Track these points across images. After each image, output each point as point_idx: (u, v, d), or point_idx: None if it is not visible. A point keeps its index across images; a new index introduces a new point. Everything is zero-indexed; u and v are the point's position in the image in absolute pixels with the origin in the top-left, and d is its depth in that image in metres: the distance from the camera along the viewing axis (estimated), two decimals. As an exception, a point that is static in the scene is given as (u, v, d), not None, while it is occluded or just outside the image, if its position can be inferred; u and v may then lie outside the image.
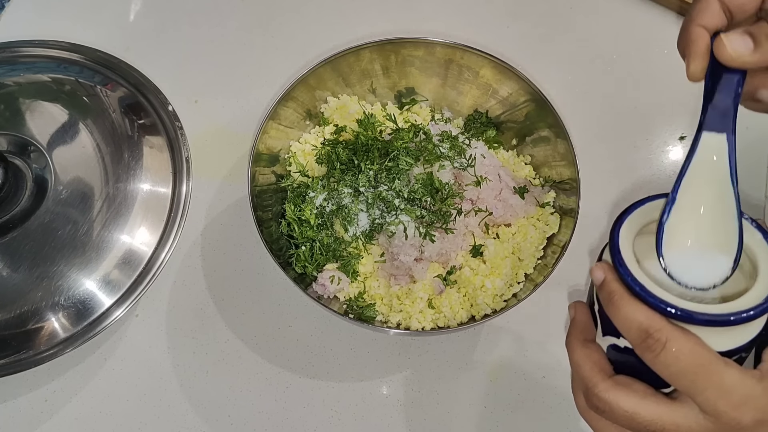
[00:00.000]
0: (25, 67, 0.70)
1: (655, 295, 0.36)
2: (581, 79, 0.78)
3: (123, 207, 0.62)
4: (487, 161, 0.65)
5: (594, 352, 0.40)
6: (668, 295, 0.36)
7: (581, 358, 0.40)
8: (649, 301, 0.36)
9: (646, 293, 0.36)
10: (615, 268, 0.37)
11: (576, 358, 0.40)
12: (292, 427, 0.63)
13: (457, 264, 0.63)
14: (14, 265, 0.60)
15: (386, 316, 0.61)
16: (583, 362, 0.39)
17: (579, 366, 0.40)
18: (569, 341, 0.41)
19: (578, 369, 0.40)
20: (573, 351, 0.40)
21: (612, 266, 0.38)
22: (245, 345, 0.66)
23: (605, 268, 0.38)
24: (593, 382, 0.38)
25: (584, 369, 0.39)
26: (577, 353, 0.40)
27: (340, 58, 0.67)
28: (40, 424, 0.63)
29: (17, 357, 0.58)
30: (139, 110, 0.68)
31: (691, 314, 0.35)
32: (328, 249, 0.62)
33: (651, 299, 0.35)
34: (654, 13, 0.82)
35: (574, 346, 0.41)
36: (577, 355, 0.40)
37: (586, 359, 0.39)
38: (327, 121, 0.70)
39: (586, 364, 0.39)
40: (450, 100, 0.72)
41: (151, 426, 0.63)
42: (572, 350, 0.41)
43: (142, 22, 0.82)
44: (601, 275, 0.38)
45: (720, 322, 0.35)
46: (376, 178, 0.62)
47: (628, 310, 0.36)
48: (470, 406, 0.64)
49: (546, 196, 0.66)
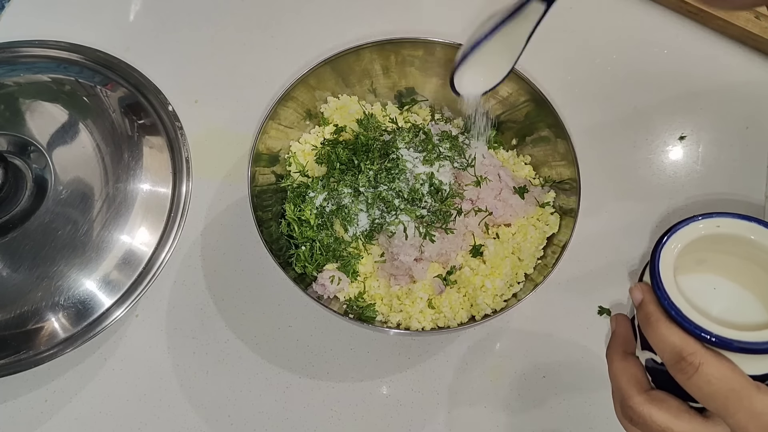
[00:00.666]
0: (25, 67, 0.70)
1: (691, 321, 0.36)
2: (581, 79, 0.78)
3: (123, 207, 0.62)
4: (487, 161, 0.65)
5: (632, 365, 0.41)
6: (704, 321, 0.36)
7: (619, 370, 0.41)
8: (685, 326, 0.36)
9: (682, 318, 0.37)
10: (653, 290, 0.38)
11: (614, 370, 0.42)
12: (292, 427, 0.63)
13: (457, 264, 0.63)
14: (14, 265, 0.60)
15: (386, 316, 0.61)
16: (620, 374, 0.41)
17: (617, 377, 0.41)
18: (609, 353, 0.43)
19: (616, 380, 0.41)
20: (612, 362, 0.42)
21: (650, 288, 0.39)
22: (245, 345, 0.66)
23: (644, 289, 0.39)
24: (629, 394, 0.40)
25: (621, 381, 0.41)
26: (616, 365, 0.42)
27: (340, 58, 0.67)
28: (40, 424, 0.63)
29: (17, 357, 0.58)
30: (139, 110, 0.68)
31: (726, 342, 0.36)
32: (328, 249, 0.62)
33: (687, 324, 0.36)
34: (654, 13, 0.82)
35: (614, 358, 0.42)
36: (615, 367, 0.42)
37: (623, 372, 0.41)
38: (327, 121, 0.70)
39: (624, 377, 0.41)
40: (450, 100, 0.72)
41: (151, 426, 0.63)
42: (611, 361, 0.42)
43: (142, 22, 0.82)
44: (639, 296, 0.39)
45: (755, 350, 0.36)
46: (376, 178, 0.62)
47: (664, 333, 0.37)
48: (470, 406, 0.63)
49: (546, 196, 0.66)
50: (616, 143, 0.75)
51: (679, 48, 0.80)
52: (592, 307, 0.67)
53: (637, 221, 0.71)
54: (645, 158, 0.74)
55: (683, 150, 0.75)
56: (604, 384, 0.64)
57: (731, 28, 0.78)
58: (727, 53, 0.79)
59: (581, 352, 0.65)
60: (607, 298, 0.67)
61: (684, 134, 0.76)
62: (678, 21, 0.81)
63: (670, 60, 0.79)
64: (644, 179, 0.73)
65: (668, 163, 0.74)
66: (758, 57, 0.79)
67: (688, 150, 0.75)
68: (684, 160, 0.74)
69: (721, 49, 0.79)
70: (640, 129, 0.76)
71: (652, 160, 0.74)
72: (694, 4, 0.79)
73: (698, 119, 0.76)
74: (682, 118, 0.76)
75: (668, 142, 0.75)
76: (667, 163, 0.74)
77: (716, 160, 0.74)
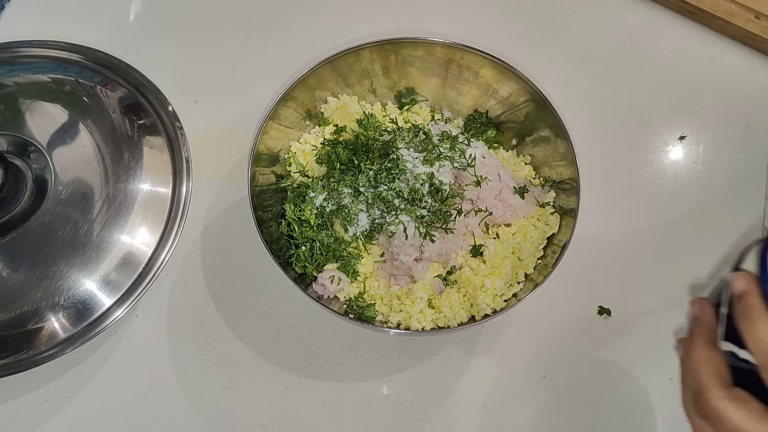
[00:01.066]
0: (25, 67, 0.70)
1: None
2: (581, 79, 0.78)
3: (123, 207, 0.62)
4: (487, 161, 0.65)
5: (717, 356, 0.38)
6: None
7: (702, 359, 0.38)
8: None
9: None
10: (760, 282, 0.36)
11: (697, 357, 0.38)
12: (292, 427, 0.63)
13: (457, 264, 0.63)
14: (14, 265, 0.60)
15: (386, 316, 0.61)
16: (703, 363, 0.38)
17: (698, 366, 0.38)
18: (694, 339, 0.39)
19: (696, 368, 0.38)
20: (696, 349, 0.39)
21: (756, 279, 0.36)
22: (245, 345, 0.66)
23: (750, 279, 0.36)
24: (708, 386, 0.37)
25: (702, 371, 0.37)
26: (700, 353, 0.38)
27: (340, 58, 0.67)
28: (40, 424, 0.63)
29: (17, 357, 0.58)
30: (139, 110, 0.68)
31: None
32: (328, 249, 0.62)
33: None
34: (654, 13, 0.82)
35: (697, 345, 0.39)
36: (699, 354, 0.38)
37: (707, 362, 0.38)
38: (327, 121, 0.70)
39: (706, 367, 0.38)
40: (450, 100, 0.72)
41: (151, 426, 0.63)
42: (695, 348, 0.39)
43: (142, 22, 0.82)
44: (743, 286, 0.36)
45: None
46: (376, 178, 0.62)
47: (765, 330, 0.35)
48: (470, 406, 0.64)
49: (546, 196, 0.66)
50: (616, 143, 0.75)
51: (679, 48, 0.80)
52: (592, 307, 0.67)
53: (637, 221, 0.71)
54: (645, 158, 0.74)
55: (683, 150, 0.75)
56: (605, 384, 0.64)
57: (731, 28, 0.78)
58: (727, 53, 0.79)
59: (581, 352, 0.65)
60: (607, 298, 0.67)
61: (684, 134, 0.76)
62: (678, 21, 0.81)
63: (670, 60, 0.79)
64: (644, 179, 0.73)
65: (668, 163, 0.74)
66: (758, 57, 0.79)
67: (688, 150, 0.75)
68: (684, 160, 0.74)
69: (721, 49, 0.79)
70: (640, 129, 0.76)
71: (652, 160, 0.74)
72: (694, 4, 0.79)
73: (698, 119, 0.76)
74: (682, 118, 0.76)
75: (668, 142, 0.75)
76: (667, 163, 0.74)
77: (716, 160, 0.74)
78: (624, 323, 0.67)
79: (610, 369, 0.65)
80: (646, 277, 0.68)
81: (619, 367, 0.65)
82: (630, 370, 0.65)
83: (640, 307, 0.67)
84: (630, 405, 0.63)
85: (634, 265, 0.69)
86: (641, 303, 0.67)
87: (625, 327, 0.66)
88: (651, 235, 0.70)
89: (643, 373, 0.64)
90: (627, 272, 0.69)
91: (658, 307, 0.67)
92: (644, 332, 0.66)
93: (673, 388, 0.64)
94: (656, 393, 0.64)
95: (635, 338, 0.66)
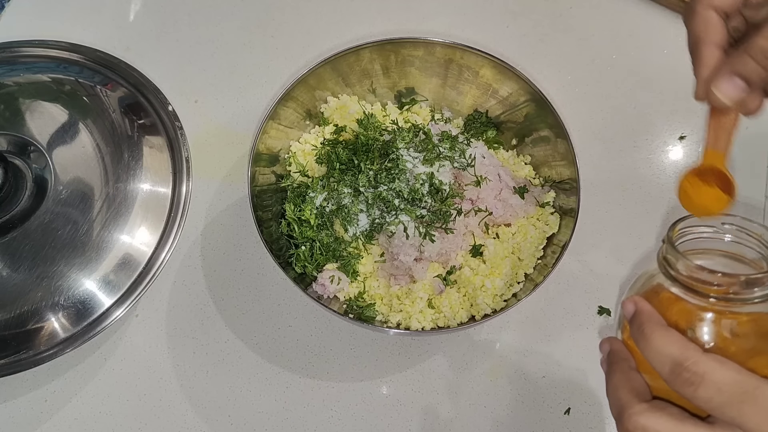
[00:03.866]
0: (25, 67, 0.70)
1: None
2: (581, 79, 0.78)
3: (123, 207, 0.62)
4: (487, 161, 0.65)
5: (634, 378, 0.38)
6: None
7: (620, 381, 0.38)
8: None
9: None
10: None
11: (614, 382, 0.38)
12: (292, 427, 0.63)
13: (457, 264, 0.63)
14: (14, 265, 0.60)
15: (386, 316, 0.61)
16: (621, 386, 0.38)
17: (615, 389, 0.38)
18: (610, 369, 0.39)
19: (616, 393, 0.38)
20: (613, 377, 0.39)
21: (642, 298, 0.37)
22: (245, 345, 0.66)
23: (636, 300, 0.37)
24: (628, 404, 0.36)
25: (621, 392, 0.37)
26: (617, 377, 0.38)
27: (340, 58, 0.67)
28: (40, 424, 0.63)
29: (17, 357, 0.58)
30: (139, 110, 0.68)
31: None
32: (328, 249, 0.62)
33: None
34: (654, 13, 0.82)
35: (615, 373, 0.39)
36: (615, 379, 0.38)
37: (624, 383, 0.38)
38: (327, 121, 0.70)
39: (624, 388, 0.37)
40: (450, 100, 0.72)
41: (151, 426, 0.63)
42: (612, 377, 0.39)
43: (142, 22, 0.82)
44: (632, 307, 0.37)
45: None
46: (376, 178, 0.62)
47: (661, 342, 0.35)
48: (470, 406, 0.64)
49: (546, 196, 0.66)
50: (616, 143, 0.75)
51: (679, 48, 0.79)
52: (592, 307, 0.67)
53: (637, 221, 0.71)
54: (645, 158, 0.74)
55: (683, 150, 0.75)
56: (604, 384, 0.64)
57: (731, 28, 0.78)
58: (727, 53, 0.79)
59: (581, 352, 0.65)
60: (607, 298, 0.67)
61: (684, 134, 0.76)
62: (678, 21, 0.81)
63: (670, 60, 0.79)
64: (644, 179, 0.73)
65: (668, 163, 0.74)
66: (758, 57, 0.79)
67: (688, 150, 0.75)
68: (684, 160, 0.74)
69: (721, 49, 0.79)
70: (640, 129, 0.76)
71: (652, 160, 0.74)
72: (694, 4, 0.78)
73: (698, 119, 0.76)
74: (682, 118, 0.76)
75: (668, 142, 0.75)
76: (667, 163, 0.74)
77: (716, 160, 0.74)
78: (624, 323, 0.67)
79: (610, 369, 0.65)
80: (646, 277, 0.68)
81: (619, 367, 0.65)
82: (630, 370, 0.65)
83: (640, 307, 0.67)
84: (630, 405, 0.63)
85: (634, 265, 0.69)
86: (641, 303, 0.67)
87: (625, 327, 0.66)
88: (651, 235, 0.70)
89: (643, 373, 0.64)
90: (627, 272, 0.69)
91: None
92: (644, 332, 0.66)
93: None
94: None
95: (635, 338, 0.66)
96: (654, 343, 0.35)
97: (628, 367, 0.39)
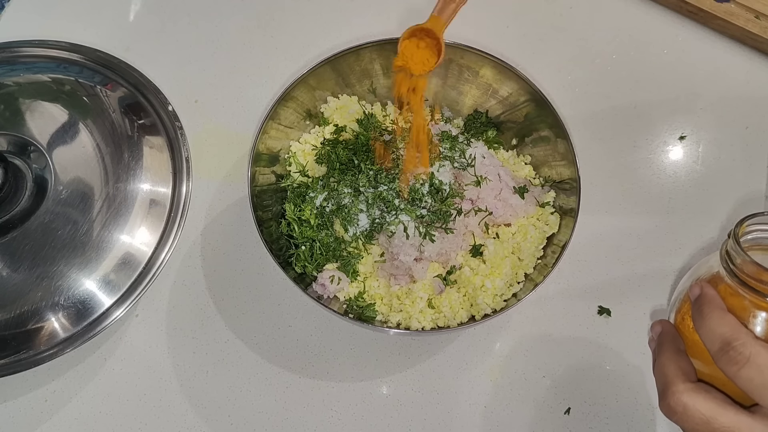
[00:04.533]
0: (25, 67, 0.70)
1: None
2: (581, 79, 0.78)
3: (123, 207, 0.62)
4: (487, 161, 0.65)
5: (683, 359, 0.40)
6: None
7: (668, 360, 0.40)
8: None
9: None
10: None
11: (663, 360, 0.40)
12: (292, 427, 0.63)
13: (457, 264, 0.63)
14: (14, 265, 0.60)
15: (386, 316, 0.61)
16: (668, 364, 0.40)
17: (663, 367, 0.40)
18: (660, 348, 0.41)
19: (662, 369, 0.40)
20: (662, 354, 0.40)
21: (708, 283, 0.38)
22: (245, 345, 0.66)
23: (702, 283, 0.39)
24: (673, 382, 0.38)
25: (668, 370, 0.39)
26: (666, 356, 0.40)
27: (340, 58, 0.67)
28: (40, 424, 0.63)
29: (17, 357, 0.58)
30: (139, 110, 0.68)
31: None
32: (328, 249, 0.62)
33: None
34: (654, 13, 0.82)
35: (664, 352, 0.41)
36: (664, 358, 0.40)
37: (672, 361, 0.40)
38: (327, 121, 0.70)
39: (671, 366, 0.39)
40: (450, 100, 0.72)
41: (151, 426, 0.63)
42: (662, 354, 0.41)
43: (142, 22, 0.82)
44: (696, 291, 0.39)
45: None
46: (376, 178, 0.62)
47: (715, 322, 0.36)
48: (470, 406, 0.64)
49: (546, 196, 0.66)
50: (616, 143, 0.75)
51: (679, 48, 0.80)
52: (592, 307, 0.67)
53: (637, 221, 0.71)
54: (645, 158, 0.74)
55: (683, 150, 0.75)
56: (604, 384, 0.64)
57: (731, 28, 0.78)
58: (727, 53, 0.79)
59: (581, 352, 0.65)
60: (607, 298, 0.67)
61: (684, 134, 0.76)
62: (678, 21, 0.81)
63: (670, 60, 0.79)
64: (644, 179, 0.73)
65: (668, 163, 0.74)
66: (758, 57, 0.79)
67: (688, 150, 0.75)
68: (684, 160, 0.74)
69: (721, 49, 0.79)
70: (640, 129, 0.76)
71: (652, 160, 0.74)
72: (694, 4, 0.79)
73: (698, 119, 0.76)
74: (682, 118, 0.76)
75: (668, 142, 0.75)
76: (667, 163, 0.74)
77: (716, 160, 0.74)
78: (624, 323, 0.67)
79: (610, 369, 0.65)
80: (646, 277, 0.68)
81: (619, 367, 0.65)
82: (630, 370, 0.65)
83: (640, 307, 0.67)
84: (630, 405, 0.63)
85: (634, 265, 0.69)
86: (641, 303, 0.67)
87: (625, 327, 0.66)
88: (651, 235, 0.70)
89: (643, 372, 0.64)
90: (627, 272, 0.69)
91: (658, 307, 0.67)
92: (644, 332, 0.66)
93: (673, 388, 0.64)
94: (656, 393, 0.63)
95: (635, 338, 0.66)
96: (709, 321, 0.37)
97: (678, 348, 0.41)
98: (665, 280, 0.68)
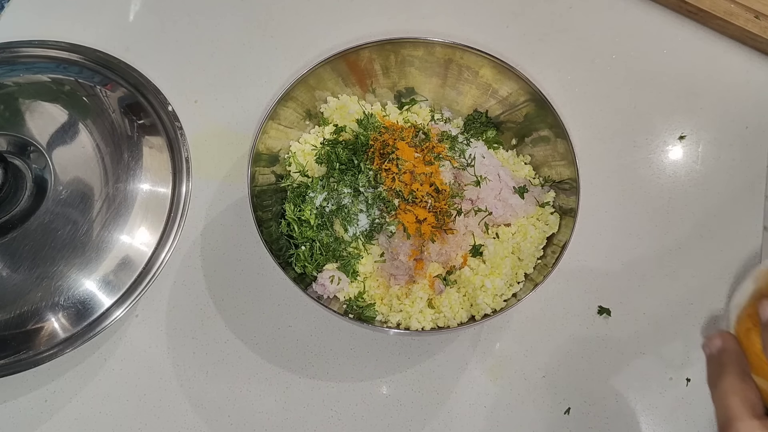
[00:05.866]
0: (25, 67, 0.70)
1: None
2: (581, 79, 0.78)
3: (123, 207, 0.62)
4: (487, 161, 0.65)
5: (749, 387, 0.38)
6: None
7: (735, 389, 0.38)
8: None
9: None
10: None
11: (728, 386, 0.38)
12: (292, 427, 0.63)
13: (457, 264, 0.63)
14: (14, 265, 0.60)
15: (386, 316, 0.61)
16: (735, 393, 0.37)
17: (729, 395, 0.37)
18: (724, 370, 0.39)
19: (727, 398, 0.37)
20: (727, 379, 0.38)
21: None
22: (245, 345, 0.66)
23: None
24: (738, 415, 0.36)
25: (732, 400, 0.37)
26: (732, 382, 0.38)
27: (339, 58, 0.67)
28: (40, 424, 0.63)
29: (17, 357, 0.58)
30: (139, 110, 0.68)
31: None
32: (328, 249, 0.62)
33: None
34: (654, 13, 0.82)
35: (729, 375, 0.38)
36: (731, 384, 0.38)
37: (739, 391, 0.37)
38: (327, 121, 0.70)
39: (737, 397, 0.37)
40: (450, 100, 0.72)
41: (151, 426, 0.63)
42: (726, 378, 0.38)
43: (142, 22, 0.82)
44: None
45: None
46: (376, 178, 0.62)
47: None
48: (470, 406, 0.64)
49: (546, 196, 0.66)
50: (616, 143, 0.75)
51: (679, 48, 0.80)
52: (592, 307, 0.67)
53: (637, 221, 0.71)
54: (645, 158, 0.74)
55: (683, 150, 0.75)
56: (604, 384, 0.64)
57: (731, 28, 0.78)
58: (727, 53, 0.79)
59: (581, 352, 0.65)
60: (607, 298, 0.67)
61: (684, 134, 0.76)
62: (678, 21, 0.81)
63: (670, 60, 0.79)
64: (644, 179, 0.73)
65: (668, 163, 0.74)
66: (758, 57, 0.79)
67: (688, 150, 0.75)
68: (684, 160, 0.74)
69: (721, 49, 0.79)
70: (640, 129, 0.76)
71: (652, 160, 0.74)
72: (694, 4, 0.79)
73: (698, 119, 0.76)
74: (682, 118, 0.76)
75: (668, 142, 0.75)
76: (667, 163, 0.74)
77: (716, 160, 0.74)
78: (624, 323, 0.67)
79: (610, 369, 0.65)
80: (646, 277, 0.68)
81: (619, 367, 0.65)
82: (630, 370, 0.65)
83: (640, 307, 0.67)
84: (630, 405, 0.63)
85: (633, 265, 0.69)
86: (641, 303, 0.67)
87: (625, 327, 0.66)
88: (651, 234, 0.70)
89: (643, 372, 0.64)
90: (627, 272, 0.69)
91: (657, 307, 0.67)
92: (644, 332, 0.66)
93: (673, 388, 0.64)
94: (656, 393, 0.64)
95: (635, 338, 0.66)
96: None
97: (743, 372, 0.38)
98: (665, 280, 0.68)
